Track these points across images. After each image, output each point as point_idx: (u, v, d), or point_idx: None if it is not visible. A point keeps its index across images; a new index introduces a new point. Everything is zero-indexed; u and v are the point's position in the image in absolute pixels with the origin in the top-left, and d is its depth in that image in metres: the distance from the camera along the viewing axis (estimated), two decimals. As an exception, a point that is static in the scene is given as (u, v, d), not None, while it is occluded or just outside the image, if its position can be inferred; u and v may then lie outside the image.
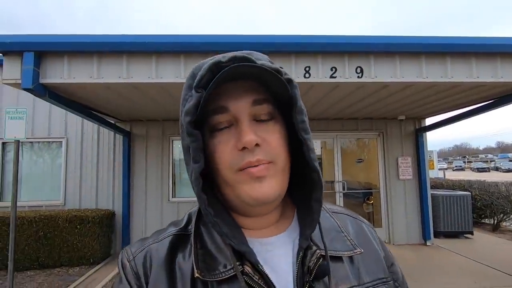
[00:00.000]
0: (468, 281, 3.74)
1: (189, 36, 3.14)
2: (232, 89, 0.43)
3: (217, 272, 0.42)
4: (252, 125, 0.43)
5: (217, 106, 0.43)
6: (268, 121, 0.45)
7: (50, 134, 5.41)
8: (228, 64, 0.40)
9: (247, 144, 0.41)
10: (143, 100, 3.97)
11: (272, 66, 0.41)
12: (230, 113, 0.43)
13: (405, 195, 5.71)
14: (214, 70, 0.40)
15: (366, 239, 0.55)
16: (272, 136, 0.44)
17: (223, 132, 0.44)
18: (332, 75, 3.11)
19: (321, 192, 0.46)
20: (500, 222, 6.84)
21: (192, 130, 0.41)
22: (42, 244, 4.44)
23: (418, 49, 3.13)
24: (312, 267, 0.44)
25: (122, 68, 2.98)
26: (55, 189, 5.32)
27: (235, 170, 0.42)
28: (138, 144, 5.44)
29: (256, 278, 0.42)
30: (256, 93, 0.44)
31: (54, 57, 2.93)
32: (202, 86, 0.41)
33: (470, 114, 4.53)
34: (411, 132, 5.85)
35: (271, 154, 0.43)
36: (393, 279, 0.53)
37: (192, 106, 0.41)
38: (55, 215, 4.50)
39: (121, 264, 0.48)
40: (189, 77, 0.46)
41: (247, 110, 0.43)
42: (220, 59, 0.40)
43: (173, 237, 0.49)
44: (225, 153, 0.43)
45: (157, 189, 5.38)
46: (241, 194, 0.43)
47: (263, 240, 0.47)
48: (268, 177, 0.42)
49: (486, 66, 3.21)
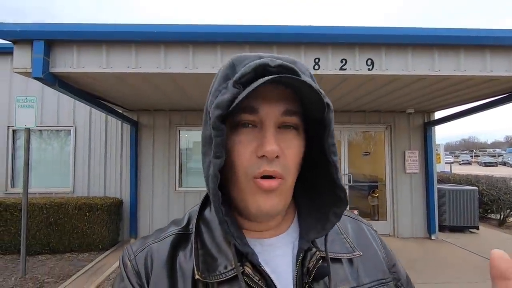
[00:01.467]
0: (471, 275, 3.76)
1: (197, 26, 3.11)
2: (267, 92, 0.42)
3: (218, 273, 0.43)
4: (276, 133, 0.43)
5: (248, 105, 0.42)
6: (291, 128, 0.45)
7: (59, 122, 5.47)
8: (275, 71, 0.39)
9: (268, 153, 0.41)
10: (150, 90, 3.97)
11: (317, 86, 0.41)
12: (258, 116, 0.43)
13: (411, 189, 5.69)
14: (258, 71, 0.39)
15: (365, 240, 0.55)
16: (291, 151, 0.44)
17: (246, 130, 0.43)
18: (342, 67, 3.07)
19: (344, 209, 0.46)
20: (506, 218, 6.80)
21: (219, 124, 0.40)
22: (52, 230, 4.56)
23: (430, 41, 3.06)
24: (311, 269, 0.44)
25: (131, 57, 2.98)
26: (65, 177, 5.43)
27: (250, 177, 0.42)
28: (145, 134, 5.48)
29: (256, 279, 0.42)
30: (289, 103, 0.44)
31: (63, 46, 2.94)
32: (241, 83, 0.40)
33: (481, 108, 4.44)
34: (420, 126, 5.78)
35: (285, 169, 0.43)
36: (394, 279, 0.53)
37: (226, 100, 0.40)
38: (65, 202, 4.60)
39: (122, 263, 0.49)
40: (227, 67, 0.45)
41: (276, 117, 0.43)
42: (268, 62, 0.40)
43: (174, 237, 0.50)
44: (244, 155, 0.42)
45: (164, 178, 5.45)
46: (247, 201, 0.43)
47: (263, 241, 0.48)
48: (276, 193, 0.43)
49: (501, 60, 3.12)
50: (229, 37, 3.00)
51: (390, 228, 5.68)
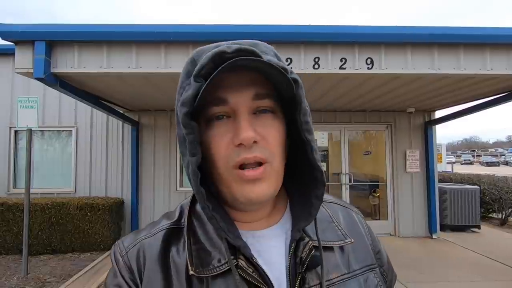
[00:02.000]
0: (472, 275, 3.75)
1: (197, 26, 3.12)
2: (233, 81, 0.41)
3: (212, 267, 0.42)
4: (251, 119, 0.41)
5: (216, 97, 0.41)
6: (267, 112, 0.43)
7: (60, 123, 5.50)
8: (232, 56, 0.37)
9: (244, 141, 0.39)
10: (151, 90, 3.99)
11: (279, 63, 0.39)
12: (229, 106, 0.41)
13: (412, 188, 5.69)
14: (217, 61, 0.38)
15: (355, 227, 0.55)
16: (271, 133, 0.42)
17: (220, 123, 0.42)
18: (341, 66, 3.07)
19: (323, 190, 0.46)
20: (508, 217, 6.77)
21: (188, 122, 0.39)
22: (54, 230, 4.58)
23: (430, 40, 3.06)
24: (304, 258, 0.44)
25: (131, 57, 2.99)
26: (66, 177, 5.45)
27: (231, 167, 0.41)
28: (146, 134, 5.51)
29: (250, 271, 0.42)
30: (258, 87, 0.42)
31: (64, 46, 2.96)
32: (202, 76, 0.39)
33: (482, 107, 4.44)
34: (420, 125, 5.77)
35: (268, 152, 0.42)
36: (378, 265, 0.54)
37: (190, 96, 0.39)
38: (67, 202, 4.62)
39: (114, 259, 0.48)
40: (189, 63, 0.44)
41: (247, 103, 0.41)
42: (224, 49, 0.38)
43: (166, 231, 0.49)
44: (221, 147, 0.41)
45: (165, 178, 5.46)
46: (234, 193, 0.42)
47: (255, 233, 0.47)
48: (263, 180, 0.41)
49: (501, 58, 3.12)
50: (229, 37, 3.00)
51: (391, 228, 5.67)
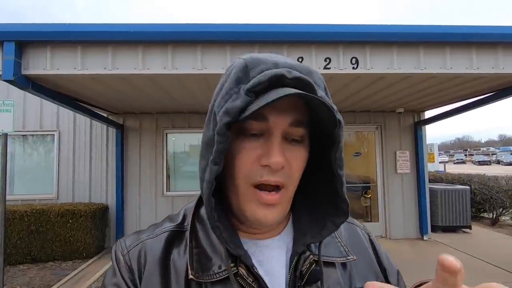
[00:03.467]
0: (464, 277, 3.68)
1: (176, 25, 3.01)
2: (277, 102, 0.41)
3: (211, 273, 0.43)
4: (283, 144, 0.42)
5: (257, 113, 0.39)
6: (299, 143, 0.44)
7: (42, 127, 5.32)
8: (291, 82, 0.39)
9: (274, 164, 0.40)
10: (133, 92, 3.86)
11: (330, 103, 0.40)
12: (267, 124, 0.41)
13: (402, 189, 5.63)
14: (273, 81, 0.38)
15: (359, 244, 0.55)
16: (296, 162, 0.43)
17: (251, 138, 0.42)
18: (326, 66, 2.99)
19: (344, 221, 0.46)
20: (499, 217, 6.77)
21: (225, 131, 0.39)
22: (34, 238, 4.41)
23: (416, 39, 3.00)
24: (304, 272, 0.44)
25: (107, 58, 2.87)
26: (48, 183, 5.27)
27: (250, 184, 0.42)
28: (132, 138, 5.36)
29: (250, 280, 0.42)
30: (298, 112, 0.43)
31: (36, 47, 2.82)
32: (255, 92, 0.39)
33: (470, 107, 4.40)
34: (410, 125, 5.73)
35: (288, 179, 0.43)
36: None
37: (237, 108, 0.38)
38: (47, 209, 4.46)
39: (114, 257, 0.48)
40: (240, 69, 0.42)
41: (284, 127, 0.42)
42: (284, 73, 0.38)
43: (169, 233, 0.49)
44: (246, 162, 0.42)
45: (151, 183, 5.32)
46: (246, 211, 0.43)
47: (258, 242, 0.47)
48: (276, 205, 0.42)
49: (487, 57, 3.07)
50: (210, 36, 2.90)
51: (382, 230, 5.60)
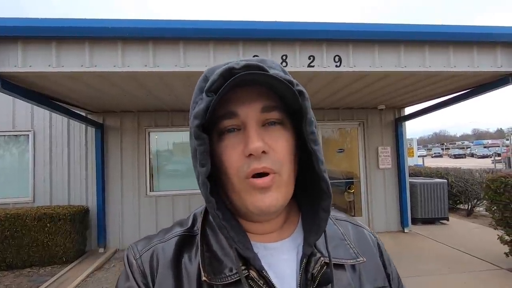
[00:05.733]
0: (442, 267, 3.84)
1: (158, 22, 2.92)
2: (242, 95, 0.44)
3: (223, 276, 0.43)
4: (260, 131, 0.43)
5: (227, 111, 0.43)
6: (276, 124, 0.45)
7: (14, 126, 5.04)
8: (240, 71, 0.40)
9: (253, 151, 0.41)
10: (113, 91, 3.73)
11: (285, 77, 0.41)
12: (239, 118, 0.43)
13: (384, 184, 5.79)
14: (226, 76, 0.40)
15: (367, 246, 0.56)
16: (280, 144, 0.44)
17: (232, 135, 0.44)
18: (310, 64, 3.00)
19: (329, 202, 0.46)
20: (473, 208, 7.11)
21: (200, 134, 0.41)
22: (9, 244, 4.19)
23: (396, 37, 3.06)
24: (315, 275, 0.45)
25: (84, 55, 2.75)
26: (23, 186, 5.00)
27: (242, 178, 0.43)
28: (112, 137, 5.18)
29: (261, 283, 0.43)
30: (266, 100, 0.44)
31: (6, 43, 2.66)
32: (213, 91, 0.41)
33: (448, 103, 4.57)
34: (391, 122, 5.88)
35: (277, 163, 0.43)
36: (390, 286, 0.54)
37: (202, 110, 0.41)
38: (23, 214, 4.24)
39: (127, 262, 0.48)
40: (202, 80, 0.46)
41: (256, 116, 0.43)
42: (233, 65, 0.41)
43: (179, 238, 0.50)
44: (233, 158, 0.43)
45: (133, 183, 5.18)
46: (245, 202, 0.44)
47: (267, 245, 0.48)
48: (272, 189, 0.43)
49: (463, 56, 3.19)
50: (191, 33, 2.84)
51: (366, 224, 5.71)
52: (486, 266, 3.84)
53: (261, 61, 0.44)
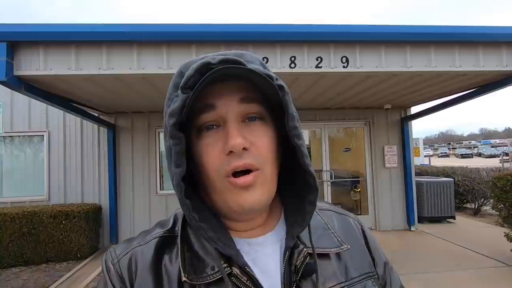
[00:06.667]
0: (449, 264, 3.89)
1: (172, 26, 3.05)
2: (220, 89, 0.42)
3: (205, 275, 0.42)
4: (240, 127, 0.42)
5: (204, 105, 0.42)
6: (256, 119, 0.44)
7: (31, 127, 5.22)
8: (217, 66, 0.38)
9: (234, 148, 0.39)
10: (126, 92, 3.86)
11: (263, 71, 0.40)
12: (217, 112, 0.42)
13: (390, 183, 5.84)
14: (202, 71, 0.39)
15: (352, 234, 0.55)
16: (261, 140, 0.43)
17: (211, 132, 0.43)
18: (317, 65, 3.09)
19: (316, 195, 0.46)
20: (480, 207, 7.11)
21: (176, 133, 0.39)
22: (26, 240, 4.35)
23: (402, 38, 3.13)
24: (299, 266, 0.44)
25: (102, 58, 2.87)
26: (39, 185, 5.19)
27: (223, 176, 0.41)
28: (124, 137, 5.33)
29: (244, 279, 0.42)
30: (245, 92, 0.43)
31: (28, 47, 2.80)
32: (189, 87, 0.39)
33: (453, 103, 4.62)
34: (397, 121, 5.93)
35: (259, 159, 0.42)
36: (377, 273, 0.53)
37: (177, 107, 0.39)
38: (39, 211, 4.40)
39: (105, 267, 0.47)
40: (176, 76, 0.45)
41: (234, 108, 0.42)
42: (209, 60, 0.39)
43: (159, 239, 0.48)
44: (212, 157, 0.42)
45: (144, 182, 5.32)
46: (227, 201, 0.42)
47: (251, 241, 0.47)
48: (255, 186, 0.41)
49: (469, 55, 3.24)
50: (204, 36, 2.95)
51: (372, 222, 5.80)
52: (493, 263, 3.88)
53: (239, 55, 0.43)
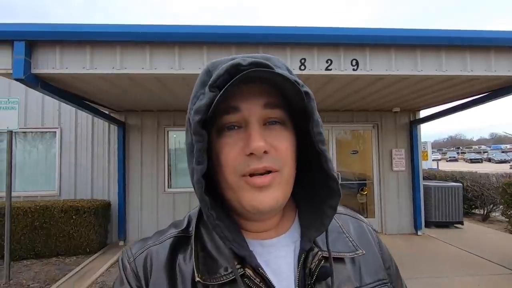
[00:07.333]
0: (456, 270, 3.86)
1: (183, 27, 3.09)
2: (245, 91, 0.42)
3: (218, 275, 0.42)
4: (262, 130, 0.42)
5: (228, 106, 0.42)
6: (277, 124, 0.44)
7: (43, 124, 5.35)
8: (247, 68, 0.39)
9: (255, 150, 0.40)
10: (137, 91, 3.93)
11: (291, 76, 0.41)
12: (241, 114, 0.42)
13: (398, 186, 5.80)
14: (231, 72, 0.39)
15: (367, 239, 0.55)
16: (281, 144, 0.43)
17: (232, 132, 0.43)
18: (327, 67, 3.10)
19: (338, 200, 0.46)
20: (489, 213, 7.00)
21: (200, 130, 0.40)
22: (38, 234, 4.47)
23: (413, 42, 3.12)
24: (313, 269, 0.44)
25: (115, 58, 2.94)
26: (50, 180, 5.32)
27: (239, 175, 0.42)
28: (133, 135, 5.42)
29: (257, 281, 0.42)
30: (269, 97, 0.43)
31: (46, 46, 2.88)
32: (217, 86, 0.40)
33: (464, 107, 4.57)
34: (405, 124, 5.89)
35: (278, 162, 0.42)
36: (390, 281, 0.53)
37: (204, 105, 0.40)
38: (51, 206, 4.51)
39: (121, 265, 0.48)
40: (203, 74, 0.45)
41: (258, 112, 0.42)
42: (240, 61, 0.40)
43: (174, 239, 0.49)
44: (231, 156, 0.42)
45: (152, 180, 5.40)
46: (242, 201, 0.42)
47: (264, 242, 0.47)
48: (271, 187, 0.42)
49: (480, 60, 3.22)
50: (215, 38, 3.00)
51: (378, 225, 5.77)
52: (501, 270, 3.84)
53: (267, 59, 0.44)
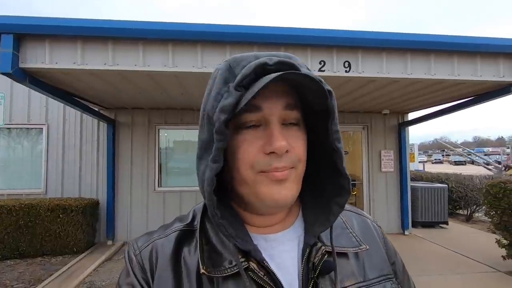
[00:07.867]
0: (441, 268, 3.97)
1: (176, 24, 3.07)
2: (267, 90, 0.42)
3: (223, 268, 0.43)
4: (282, 129, 0.43)
5: (251, 105, 0.41)
6: (295, 125, 0.45)
7: (29, 120, 5.20)
8: (274, 68, 0.40)
9: (278, 150, 0.41)
10: (129, 88, 3.88)
11: (317, 76, 0.41)
12: (262, 113, 0.43)
13: (386, 187, 5.92)
14: (258, 71, 0.39)
15: (371, 235, 0.56)
16: (298, 143, 0.44)
17: (250, 130, 0.43)
18: (320, 68, 3.14)
19: (347, 199, 0.47)
20: (473, 213, 7.23)
21: (224, 129, 0.40)
22: (22, 233, 4.34)
23: (404, 46, 3.20)
24: (317, 264, 0.45)
25: (107, 54, 2.89)
26: (36, 178, 5.17)
27: (257, 171, 0.42)
28: (123, 133, 5.34)
29: (261, 274, 0.43)
30: (289, 97, 0.44)
31: (35, 40, 2.81)
32: (243, 86, 0.40)
33: (451, 110, 4.71)
34: (394, 126, 6.02)
35: (294, 161, 0.44)
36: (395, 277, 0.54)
37: (230, 104, 0.39)
38: (36, 204, 4.39)
39: (127, 258, 0.49)
40: (225, 70, 0.44)
41: (278, 112, 0.43)
42: (266, 61, 0.40)
43: (179, 233, 0.50)
44: (251, 153, 0.42)
45: (142, 178, 5.33)
46: (260, 195, 0.43)
47: (268, 237, 0.48)
48: (288, 181, 0.43)
49: (467, 65, 3.33)
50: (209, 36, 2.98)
51: (367, 225, 5.87)
52: (484, 268, 3.97)
53: (290, 58, 0.44)
